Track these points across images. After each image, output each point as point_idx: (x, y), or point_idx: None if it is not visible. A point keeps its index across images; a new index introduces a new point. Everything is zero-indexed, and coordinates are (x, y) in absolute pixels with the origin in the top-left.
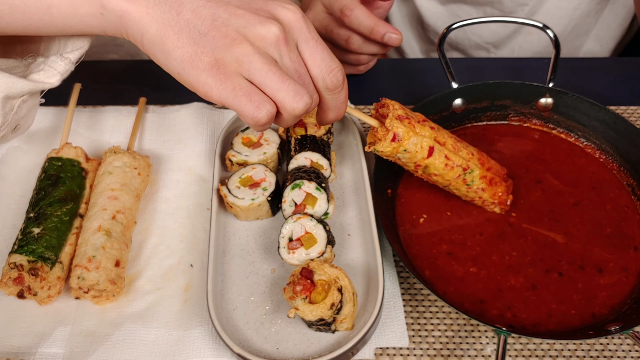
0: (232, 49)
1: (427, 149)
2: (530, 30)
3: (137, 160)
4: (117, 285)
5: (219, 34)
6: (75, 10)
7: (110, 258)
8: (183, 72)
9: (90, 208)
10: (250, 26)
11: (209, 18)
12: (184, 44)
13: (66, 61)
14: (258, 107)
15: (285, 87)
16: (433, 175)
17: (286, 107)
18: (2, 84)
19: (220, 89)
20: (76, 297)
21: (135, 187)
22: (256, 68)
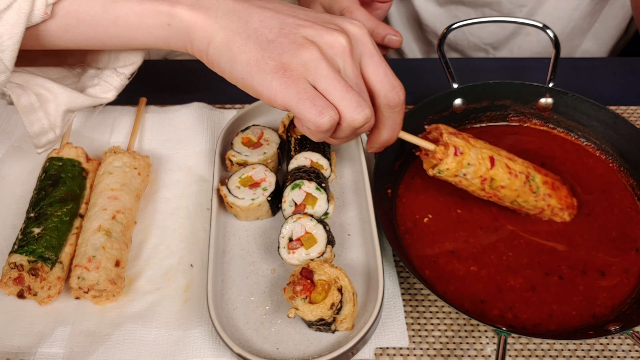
0: (300, 53)
1: (488, 158)
2: (528, 31)
3: (137, 160)
4: (117, 285)
5: (286, 40)
6: (142, 22)
7: (110, 258)
8: (248, 76)
9: (90, 208)
10: (319, 34)
11: (277, 26)
12: (251, 49)
13: (121, 76)
14: (321, 113)
15: (348, 96)
16: (500, 188)
17: (346, 117)
18: (64, 99)
19: (284, 92)
20: (76, 297)
21: (135, 187)
22: (322, 74)
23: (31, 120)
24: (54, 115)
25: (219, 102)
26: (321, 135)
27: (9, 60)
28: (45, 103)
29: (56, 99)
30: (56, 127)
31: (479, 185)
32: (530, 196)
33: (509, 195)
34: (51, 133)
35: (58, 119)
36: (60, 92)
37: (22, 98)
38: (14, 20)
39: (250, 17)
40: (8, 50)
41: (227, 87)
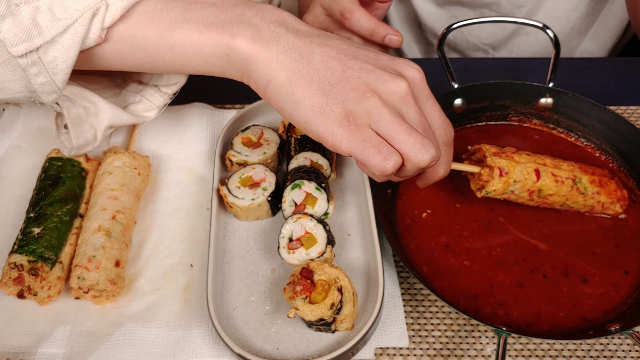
0: (363, 101)
1: (533, 172)
2: (528, 31)
3: (137, 160)
4: (117, 285)
5: (349, 86)
6: (200, 50)
7: (110, 258)
8: (312, 121)
9: (90, 208)
10: (381, 81)
11: (339, 70)
12: (315, 94)
13: (165, 96)
14: (386, 158)
15: (412, 140)
16: (549, 196)
17: (412, 159)
18: (109, 114)
19: (350, 140)
20: (76, 297)
21: (135, 187)
22: (385, 121)
23: (78, 132)
24: (97, 128)
25: (219, 102)
26: (385, 178)
27: (61, 82)
28: (90, 116)
29: (100, 113)
30: (96, 140)
31: (527, 197)
32: (579, 197)
33: (558, 200)
34: (90, 145)
35: (99, 134)
36: (105, 108)
37: (72, 110)
38: (69, 45)
39: (312, 57)
40: (61, 73)
41: (227, 87)
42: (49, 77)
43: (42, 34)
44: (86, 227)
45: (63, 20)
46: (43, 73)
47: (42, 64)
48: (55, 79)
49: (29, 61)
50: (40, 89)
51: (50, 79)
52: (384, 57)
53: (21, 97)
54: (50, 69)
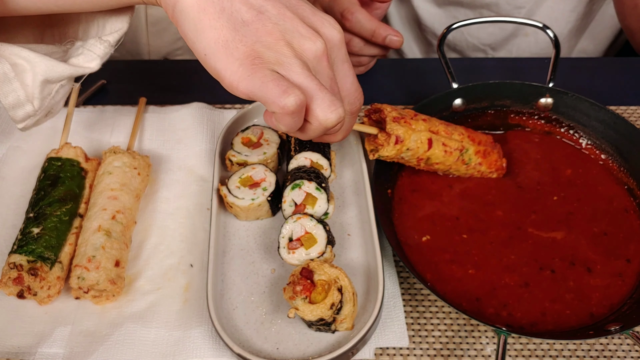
0: (275, 47)
1: (426, 142)
2: (527, 31)
3: (137, 160)
4: (117, 285)
5: (262, 29)
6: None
7: (110, 258)
8: (212, 55)
9: (90, 208)
10: (297, 34)
11: (255, 8)
12: (223, 26)
13: (105, 44)
14: (285, 91)
15: (322, 95)
16: (435, 164)
17: (319, 115)
18: (42, 68)
19: (248, 79)
20: (76, 297)
21: (135, 187)
22: (295, 71)
23: (5, 91)
24: (32, 86)
25: (219, 102)
26: (288, 119)
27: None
28: (21, 73)
29: (33, 68)
30: (34, 98)
31: (415, 163)
32: (462, 167)
33: (442, 168)
34: (28, 105)
35: (36, 90)
36: (38, 60)
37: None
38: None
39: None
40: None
41: None
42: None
43: None
44: (86, 227)
45: None
46: None
47: None
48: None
49: None
50: None
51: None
52: (307, 8)
53: None
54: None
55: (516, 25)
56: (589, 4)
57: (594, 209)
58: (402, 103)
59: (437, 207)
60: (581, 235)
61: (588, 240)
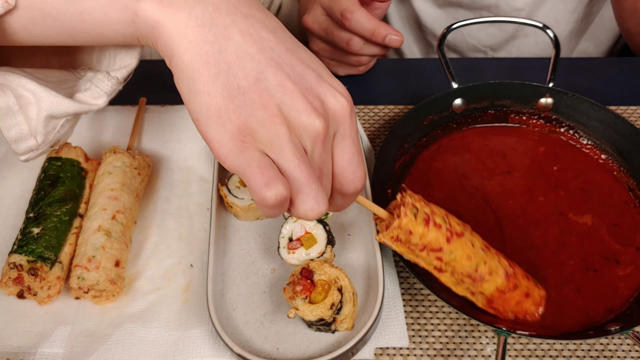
0: (269, 126)
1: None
2: (527, 32)
3: (137, 160)
4: (117, 285)
5: (259, 100)
6: (107, 17)
7: (110, 258)
8: (203, 121)
9: (90, 208)
10: (295, 110)
11: (253, 75)
12: (217, 92)
13: (113, 80)
14: (268, 184)
15: (308, 189)
16: None
17: (299, 209)
18: (47, 103)
19: (236, 157)
20: (76, 297)
21: (135, 187)
22: (286, 158)
23: (8, 124)
24: (35, 120)
25: None
26: (266, 210)
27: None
28: (26, 106)
29: (38, 102)
30: (37, 133)
31: None
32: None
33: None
34: (31, 140)
35: (40, 125)
36: (44, 95)
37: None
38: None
39: (227, 44)
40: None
41: None
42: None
43: None
44: (86, 227)
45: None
46: None
47: None
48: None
49: None
50: None
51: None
52: (312, 76)
53: None
54: None
55: (516, 26)
56: (589, 5)
57: (593, 208)
58: (402, 103)
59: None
60: (582, 235)
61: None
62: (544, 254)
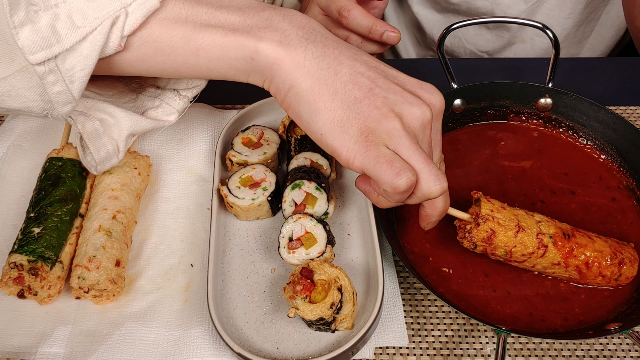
0: (385, 121)
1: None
2: (524, 38)
3: (137, 160)
4: (117, 285)
5: (373, 105)
6: (225, 54)
7: (110, 258)
8: (329, 134)
9: (91, 208)
10: (407, 104)
11: (366, 86)
12: (337, 106)
13: (184, 100)
14: (399, 174)
15: (428, 169)
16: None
17: (423, 188)
18: (127, 123)
19: (364, 156)
20: (77, 297)
21: (136, 187)
22: (404, 145)
23: (97, 146)
24: (117, 139)
25: (220, 103)
26: (398, 197)
27: (77, 91)
28: (108, 128)
29: (119, 123)
30: (119, 152)
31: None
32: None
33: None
34: (115, 158)
35: (121, 144)
36: (123, 116)
37: (87, 125)
38: (88, 53)
39: (340, 68)
40: (78, 82)
41: (227, 88)
42: (65, 86)
43: (61, 41)
44: (86, 227)
45: (82, 29)
46: (60, 81)
47: (59, 72)
48: (71, 88)
49: (46, 69)
50: (56, 99)
51: (66, 87)
52: (413, 81)
53: (35, 106)
54: (68, 77)
55: (513, 32)
56: (585, 10)
57: (593, 208)
58: None
59: None
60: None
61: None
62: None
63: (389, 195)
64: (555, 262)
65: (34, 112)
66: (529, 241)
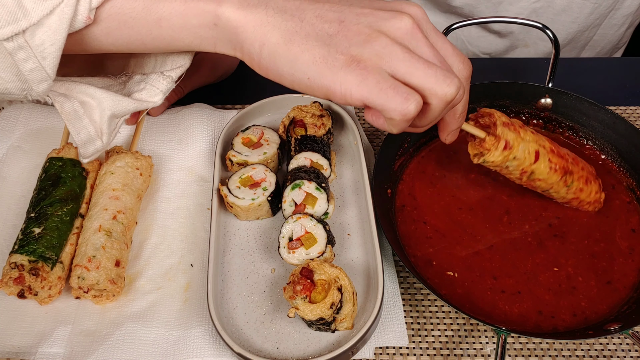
0: (370, 43)
1: (534, 153)
2: (527, 42)
3: (139, 160)
4: (117, 285)
5: (350, 33)
6: (187, 22)
7: (110, 258)
8: (316, 74)
9: (91, 208)
10: (383, 20)
11: (336, 20)
12: (314, 46)
13: (168, 79)
14: (407, 99)
15: (432, 72)
16: (537, 180)
17: (438, 92)
18: (109, 103)
19: (362, 85)
20: (76, 297)
21: (137, 188)
22: (399, 58)
23: (77, 128)
24: (100, 122)
25: (220, 103)
26: (405, 124)
27: (51, 67)
28: (89, 110)
29: (100, 104)
30: (103, 134)
31: (518, 175)
32: (563, 189)
33: (543, 186)
34: (98, 141)
35: (104, 126)
36: (104, 97)
37: (65, 105)
38: (56, 26)
39: (304, 14)
40: (50, 58)
41: (227, 88)
42: (37, 63)
43: (28, 15)
44: (87, 227)
45: (49, 1)
46: (31, 58)
47: (29, 48)
48: (44, 64)
49: (15, 45)
50: (30, 76)
51: (39, 64)
52: (380, 2)
53: (12, 87)
54: (39, 53)
55: (515, 35)
56: (590, 16)
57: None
58: None
59: None
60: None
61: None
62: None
63: (396, 123)
64: (566, 171)
65: (13, 93)
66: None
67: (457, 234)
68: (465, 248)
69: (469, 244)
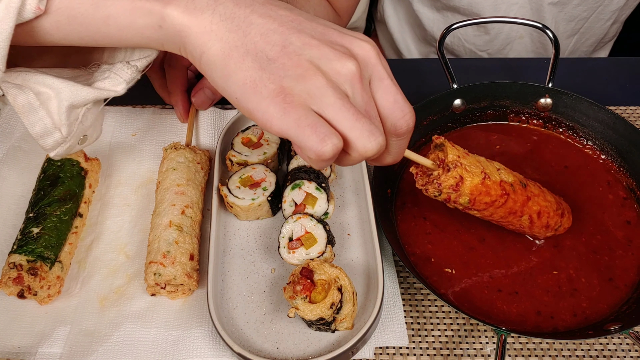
0: (304, 79)
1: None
2: (522, 34)
3: (198, 154)
4: (193, 279)
5: (289, 62)
6: (133, 22)
7: (184, 252)
8: (242, 97)
9: (158, 205)
10: (325, 59)
11: (279, 44)
12: (249, 67)
13: (132, 69)
14: (323, 140)
15: (359, 125)
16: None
17: (358, 147)
18: (66, 93)
19: (282, 119)
20: (152, 294)
21: (200, 181)
22: (329, 103)
23: (32, 121)
24: (57, 113)
25: (220, 102)
26: (324, 163)
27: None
28: (46, 101)
29: (58, 95)
30: (61, 125)
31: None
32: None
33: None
34: (56, 133)
35: (62, 117)
36: (62, 86)
37: (19, 98)
38: (2, 15)
39: (250, 28)
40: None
41: None
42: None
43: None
44: (156, 224)
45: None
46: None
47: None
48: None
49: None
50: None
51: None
52: (333, 32)
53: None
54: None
55: (510, 31)
56: (583, 14)
57: (593, 210)
58: None
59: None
60: (580, 236)
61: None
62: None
63: (313, 162)
64: (512, 211)
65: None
66: (494, 189)
67: (455, 228)
68: (462, 243)
69: (466, 239)
